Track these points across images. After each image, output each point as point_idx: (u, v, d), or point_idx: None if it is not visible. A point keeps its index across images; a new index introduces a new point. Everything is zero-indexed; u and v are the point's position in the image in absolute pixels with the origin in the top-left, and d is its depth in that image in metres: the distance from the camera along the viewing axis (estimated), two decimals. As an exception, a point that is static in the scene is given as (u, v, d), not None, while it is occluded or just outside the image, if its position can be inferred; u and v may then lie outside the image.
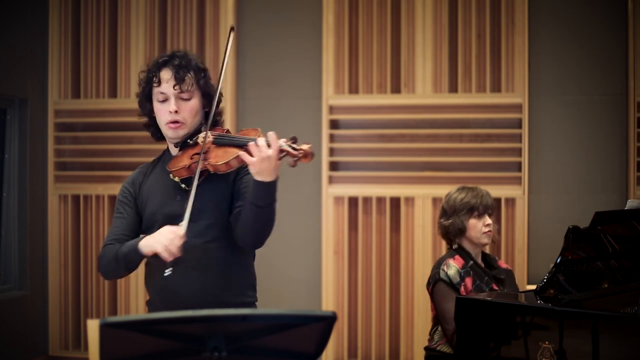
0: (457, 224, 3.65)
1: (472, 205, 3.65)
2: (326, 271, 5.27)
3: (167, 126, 2.79)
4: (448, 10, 5.17)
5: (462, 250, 3.68)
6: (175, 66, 2.77)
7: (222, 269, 2.75)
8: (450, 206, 3.69)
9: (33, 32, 5.54)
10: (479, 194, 3.69)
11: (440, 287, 3.57)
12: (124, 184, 2.92)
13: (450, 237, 3.71)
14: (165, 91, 2.77)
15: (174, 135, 2.80)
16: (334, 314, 1.89)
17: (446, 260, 3.63)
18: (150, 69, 2.82)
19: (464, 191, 3.71)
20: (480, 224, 3.66)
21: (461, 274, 3.57)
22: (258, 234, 2.69)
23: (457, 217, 3.65)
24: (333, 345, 5.26)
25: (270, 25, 5.46)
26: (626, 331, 2.83)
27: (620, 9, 4.99)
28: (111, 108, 5.55)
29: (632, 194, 4.89)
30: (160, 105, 2.79)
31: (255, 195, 2.60)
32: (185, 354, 1.88)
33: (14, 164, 5.50)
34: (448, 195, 3.75)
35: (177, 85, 2.76)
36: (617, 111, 5.04)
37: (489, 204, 3.69)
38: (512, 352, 3.00)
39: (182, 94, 2.77)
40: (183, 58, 2.80)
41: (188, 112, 2.78)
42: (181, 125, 2.78)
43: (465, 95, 5.14)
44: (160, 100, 2.78)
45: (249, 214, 2.63)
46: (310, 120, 5.31)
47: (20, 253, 5.50)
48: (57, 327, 5.61)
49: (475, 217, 3.65)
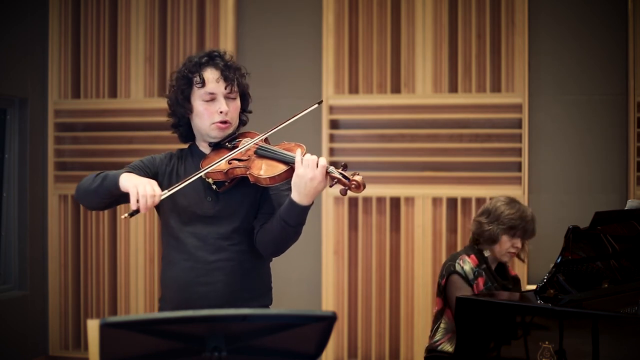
0: (493, 233, 3.66)
1: (514, 226, 3.66)
2: (326, 271, 5.27)
3: (214, 126, 2.76)
4: (448, 10, 5.17)
5: (480, 252, 3.70)
6: (222, 66, 2.77)
7: (244, 271, 2.75)
8: (496, 214, 3.68)
9: (33, 32, 5.54)
10: (527, 217, 3.69)
11: (455, 279, 3.58)
12: (141, 159, 2.82)
13: (480, 238, 3.72)
14: (214, 91, 2.75)
15: (221, 135, 2.78)
16: (334, 314, 1.89)
17: (462, 256, 3.65)
18: (190, 70, 2.78)
19: (514, 207, 3.70)
20: (510, 244, 3.68)
21: (475, 272, 3.60)
22: (279, 246, 2.71)
23: (496, 226, 3.66)
24: (333, 345, 5.26)
25: (270, 25, 5.46)
26: (626, 331, 2.83)
27: (620, 9, 4.99)
28: (111, 108, 5.55)
29: (632, 194, 4.89)
30: (206, 105, 2.75)
31: (287, 214, 2.60)
32: (185, 354, 1.88)
33: (14, 164, 5.50)
34: (496, 201, 3.75)
35: (228, 85, 2.75)
36: (617, 111, 5.04)
37: (529, 230, 3.69)
38: (512, 352, 3.00)
39: (230, 94, 2.78)
40: (224, 58, 2.80)
41: (234, 112, 2.81)
42: (229, 126, 2.78)
43: (465, 95, 5.14)
44: (207, 100, 2.75)
45: (276, 228, 2.64)
46: (310, 120, 5.31)
47: (20, 253, 5.50)
48: (57, 327, 5.61)
49: (511, 236, 3.67)
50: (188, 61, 2.82)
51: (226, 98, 2.77)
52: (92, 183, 2.68)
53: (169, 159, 2.86)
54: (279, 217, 2.63)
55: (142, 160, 2.82)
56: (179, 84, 2.80)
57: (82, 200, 2.77)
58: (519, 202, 3.77)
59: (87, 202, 2.77)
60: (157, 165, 2.82)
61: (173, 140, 2.84)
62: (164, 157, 2.87)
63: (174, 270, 2.76)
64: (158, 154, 2.89)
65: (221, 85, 2.75)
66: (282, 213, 2.62)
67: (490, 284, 3.62)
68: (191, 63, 2.79)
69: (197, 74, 2.76)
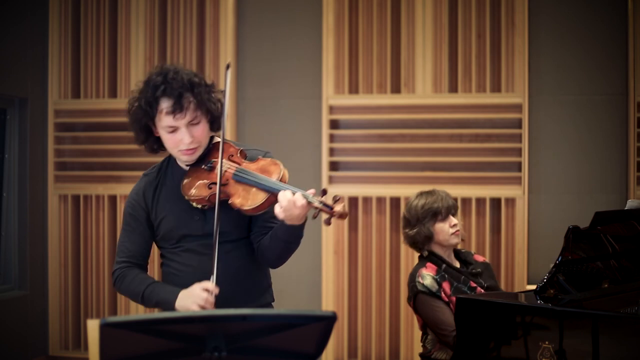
0: (423, 231, 3.57)
1: (434, 210, 3.57)
2: (326, 271, 5.27)
3: (181, 152, 2.70)
4: (448, 10, 5.17)
5: (433, 255, 3.60)
6: (174, 93, 2.63)
7: (239, 275, 2.75)
8: (413, 215, 3.60)
9: (33, 32, 5.54)
10: (439, 197, 3.60)
11: (422, 299, 3.48)
12: (131, 195, 2.82)
13: (419, 245, 3.63)
14: (173, 124, 2.65)
15: (190, 160, 2.73)
16: (334, 314, 1.89)
17: (419, 271, 3.54)
18: (147, 100, 2.65)
19: (423, 197, 3.62)
20: (447, 226, 3.58)
21: (437, 281, 3.49)
22: (281, 260, 2.75)
23: (421, 224, 3.58)
24: (333, 345, 5.26)
25: (270, 25, 5.46)
26: (626, 331, 2.83)
27: (620, 9, 4.99)
28: (111, 108, 5.55)
29: (632, 194, 4.89)
30: (169, 136, 2.67)
31: (284, 234, 2.62)
32: (185, 354, 1.88)
33: (14, 164, 5.50)
34: (408, 204, 3.66)
35: (188, 114, 2.64)
36: (617, 111, 5.04)
37: (450, 205, 3.61)
38: (512, 352, 3.00)
39: (193, 120, 2.66)
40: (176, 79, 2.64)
41: (200, 135, 2.69)
42: (196, 149, 2.71)
43: (465, 95, 5.14)
44: (169, 131, 2.67)
45: (275, 246, 2.67)
46: (310, 120, 5.31)
47: (20, 253, 5.50)
48: (57, 327, 5.61)
49: (440, 220, 3.58)
50: (145, 87, 2.69)
51: (189, 125, 2.66)
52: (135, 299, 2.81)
53: (152, 180, 2.82)
54: (276, 237, 2.64)
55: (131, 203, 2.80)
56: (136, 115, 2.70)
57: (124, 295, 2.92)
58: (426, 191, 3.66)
59: None
60: (147, 198, 2.79)
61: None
62: (147, 184, 2.81)
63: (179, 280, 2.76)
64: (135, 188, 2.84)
65: (179, 118, 2.63)
66: (279, 234, 2.63)
67: (456, 283, 3.52)
68: (147, 93, 2.66)
69: (154, 107, 2.65)
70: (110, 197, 5.53)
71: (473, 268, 3.65)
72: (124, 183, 5.45)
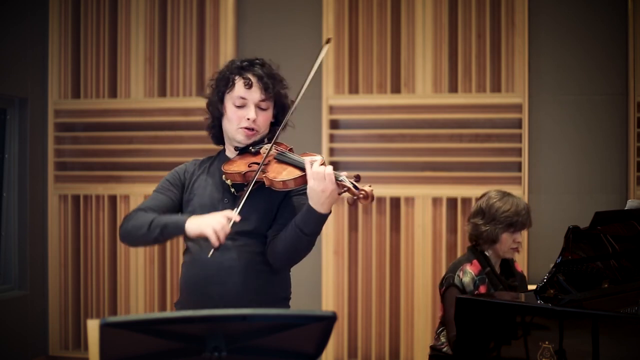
0: (492, 233, 3.56)
1: (513, 222, 3.56)
2: (326, 271, 5.27)
3: (241, 130, 2.77)
4: (448, 10, 5.17)
5: (483, 255, 3.60)
6: (260, 74, 2.77)
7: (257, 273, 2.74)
8: (492, 214, 3.57)
9: (33, 32, 5.54)
10: (522, 211, 3.58)
11: (452, 293, 3.44)
12: (174, 169, 2.90)
13: (479, 240, 3.61)
14: (246, 97, 2.76)
15: (245, 140, 2.79)
16: (334, 314, 1.89)
17: (463, 266, 3.53)
18: (231, 71, 2.79)
19: (507, 202, 3.58)
20: (511, 240, 3.59)
21: (476, 282, 3.50)
22: (291, 256, 2.71)
23: (493, 226, 3.56)
24: (333, 345, 5.26)
25: (270, 25, 5.46)
26: (626, 331, 2.83)
27: (620, 9, 4.99)
28: (111, 108, 5.55)
29: (632, 194, 4.89)
30: (235, 109, 2.77)
31: (303, 220, 2.61)
32: (185, 354, 1.88)
33: (14, 164, 5.50)
34: (490, 200, 3.61)
35: (262, 94, 2.75)
36: (617, 111, 5.04)
37: (527, 223, 3.60)
38: (512, 352, 2.99)
39: (262, 103, 2.77)
40: (265, 66, 2.81)
41: (263, 122, 2.79)
42: (255, 133, 2.78)
43: (465, 95, 5.14)
44: (237, 105, 2.77)
45: (290, 236, 2.64)
46: (310, 120, 5.31)
47: (20, 253, 5.50)
48: (57, 327, 5.61)
49: (511, 232, 3.57)
50: (230, 63, 2.84)
51: (257, 107, 2.77)
52: (147, 233, 2.68)
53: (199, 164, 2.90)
54: (294, 225, 2.64)
55: (173, 174, 2.87)
56: (217, 84, 2.82)
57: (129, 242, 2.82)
58: (510, 194, 3.65)
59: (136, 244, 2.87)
60: (188, 175, 2.86)
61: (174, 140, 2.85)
62: (193, 164, 2.90)
63: (189, 271, 2.78)
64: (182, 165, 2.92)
65: (254, 92, 2.76)
66: (298, 220, 2.63)
67: (493, 290, 3.52)
68: (233, 65, 2.81)
69: (236, 76, 2.77)
70: (110, 197, 5.53)
71: (513, 280, 3.67)
72: (124, 183, 5.45)
